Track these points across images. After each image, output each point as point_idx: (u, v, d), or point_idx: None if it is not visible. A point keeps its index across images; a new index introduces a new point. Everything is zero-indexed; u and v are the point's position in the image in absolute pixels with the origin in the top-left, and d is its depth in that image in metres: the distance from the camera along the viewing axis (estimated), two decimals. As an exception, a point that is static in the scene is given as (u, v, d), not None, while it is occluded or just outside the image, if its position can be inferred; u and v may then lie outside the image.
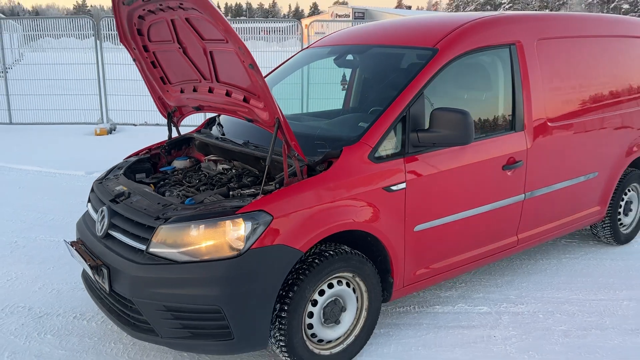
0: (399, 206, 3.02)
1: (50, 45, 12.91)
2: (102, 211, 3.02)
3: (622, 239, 4.72)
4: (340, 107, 4.45)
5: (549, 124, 3.75)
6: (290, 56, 4.43)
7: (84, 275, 3.33)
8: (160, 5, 2.86)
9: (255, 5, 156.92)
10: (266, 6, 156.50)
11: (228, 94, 3.04)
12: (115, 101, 10.62)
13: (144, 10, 3.04)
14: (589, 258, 4.49)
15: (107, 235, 2.91)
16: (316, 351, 2.86)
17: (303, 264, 2.74)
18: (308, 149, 3.01)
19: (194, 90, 3.34)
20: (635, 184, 4.71)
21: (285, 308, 2.66)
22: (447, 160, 3.21)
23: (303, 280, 2.69)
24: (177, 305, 2.56)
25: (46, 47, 12.93)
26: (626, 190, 4.65)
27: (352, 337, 3.00)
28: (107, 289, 2.79)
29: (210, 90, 3.19)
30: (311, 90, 8.45)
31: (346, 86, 4.31)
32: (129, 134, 10.01)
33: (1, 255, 4.47)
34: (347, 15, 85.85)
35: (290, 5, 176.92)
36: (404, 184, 3.02)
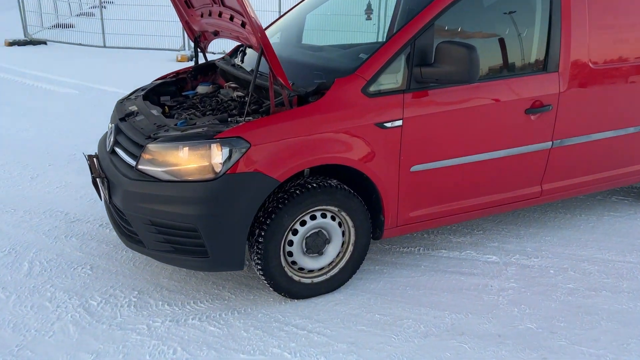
0: (393, 144, 2.91)
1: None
2: (111, 128, 3.21)
3: (682, 201, 4.25)
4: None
5: (591, 66, 3.37)
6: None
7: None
8: None
9: None
10: None
11: (232, 19, 3.03)
12: (197, 29, 10.90)
13: None
14: (636, 218, 4.10)
15: (113, 151, 3.11)
16: (296, 278, 2.93)
17: (285, 193, 2.77)
18: (305, 79, 2.97)
19: (210, 14, 3.37)
20: None
21: (263, 234, 2.74)
22: (455, 99, 3.02)
23: (281, 209, 2.73)
24: (160, 221, 2.71)
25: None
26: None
27: (336, 269, 3.03)
28: (107, 199, 3.01)
29: (220, 15, 3.20)
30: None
31: (371, 15, 4.11)
32: (206, 61, 10.31)
33: (59, 165, 4.93)
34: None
35: None
36: (400, 121, 2.89)
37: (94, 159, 3.31)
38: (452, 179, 3.17)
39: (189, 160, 2.66)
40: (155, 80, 3.92)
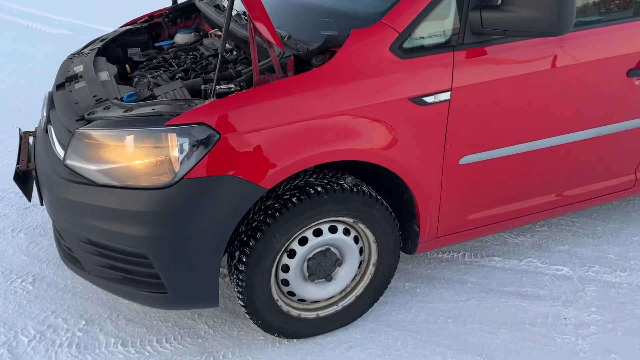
0: (437, 127, 1.99)
1: None
2: (45, 98, 2.36)
3: None
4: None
5: None
6: None
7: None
8: None
9: None
10: None
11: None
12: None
13: None
14: None
15: (47, 131, 2.27)
16: (294, 313, 2.12)
17: (276, 200, 1.91)
18: (307, 30, 2.04)
19: None
20: None
21: (244, 260, 1.91)
22: (527, 59, 2.06)
23: (270, 225, 1.88)
24: (100, 241, 1.90)
25: None
26: None
27: (351, 298, 2.20)
28: (40, 200, 2.22)
29: None
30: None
31: None
32: None
33: (28, 129, 4.14)
34: None
35: None
36: (448, 93, 1.95)
37: (30, 138, 2.49)
38: (519, 172, 2.25)
39: (130, 157, 1.80)
40: (122, 26, 3.02)
